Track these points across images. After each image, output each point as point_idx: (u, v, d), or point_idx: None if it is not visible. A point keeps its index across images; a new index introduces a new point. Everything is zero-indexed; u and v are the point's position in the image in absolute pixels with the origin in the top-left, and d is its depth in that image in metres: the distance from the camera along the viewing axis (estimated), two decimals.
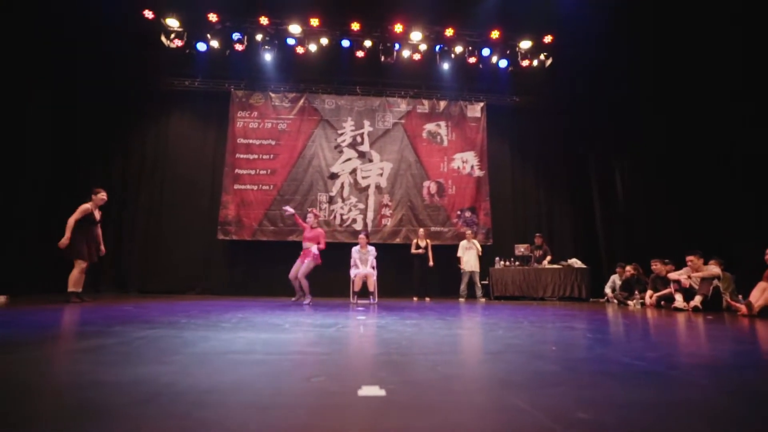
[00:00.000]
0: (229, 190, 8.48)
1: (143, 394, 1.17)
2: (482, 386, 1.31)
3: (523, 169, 9.35)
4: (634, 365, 1.70)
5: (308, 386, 1.29)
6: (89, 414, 1.00)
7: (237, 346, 2.04)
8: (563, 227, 9.15)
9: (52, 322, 3.03)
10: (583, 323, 3.55)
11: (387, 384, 1.29)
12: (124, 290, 8.06)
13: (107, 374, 1.40)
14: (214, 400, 1.13)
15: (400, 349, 2.07)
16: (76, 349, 1.90)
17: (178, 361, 1.64)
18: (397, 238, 8.67)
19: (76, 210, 5.14)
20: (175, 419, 0.97)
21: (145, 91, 8.55)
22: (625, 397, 1.21)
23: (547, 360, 1.79)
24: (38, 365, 1.55)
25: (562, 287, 7.81)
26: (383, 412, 1.05)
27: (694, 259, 5.55)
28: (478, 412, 1.06)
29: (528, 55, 8.25)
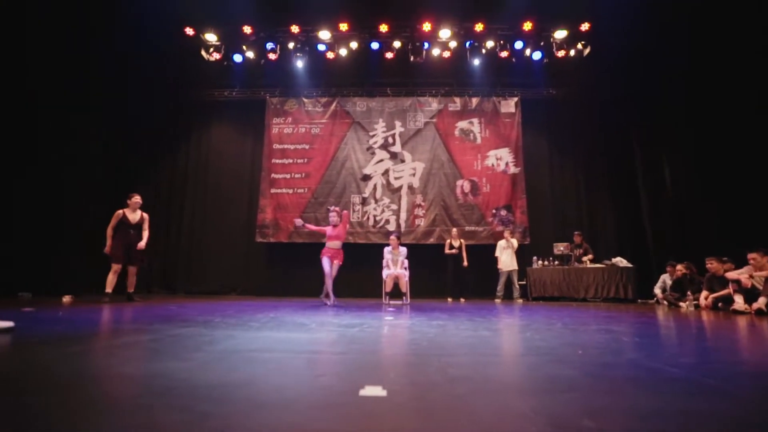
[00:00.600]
0: (266, 194, 8.79)
1: (158, 387, 1.24)
2: (489, 390, 1.27)
3: (561, 165, 8.96)
4: (665, 371, 1.59)
5: (313, 384, 1.31)
6: (104, 404, 1.08)
7: (258, 344, 2.11)
8: (606, 224, 8.67)
9: (102, 320, 3.28)
10: (623, 326, 3.35)
11: (391, 384, 1.29)
12: (173, 291, 8.57)
13: (131, 368, 1.50)
14: (220, 394, 1.17)
15: (418, 349, 2.05)
16: (112, 344, 2.04)
17: (199, 357, 1.73)
18: (430, 239, 8.60)
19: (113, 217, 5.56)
20: (179, 412, 1.02)
21: (188, 103, 9.08)
22: (642, 406, 1.13)
23: (567, 364, 1.70)
24: (76, 358, 1.69)
25: (606, 287, 7.40)
26: (379, 413, 1.05)
27: (758, 257, 5.08)
28: (475, 417, 1.03)
29: (564, 45, 7.91)
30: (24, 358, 1.75)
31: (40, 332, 2.47)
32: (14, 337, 2.20)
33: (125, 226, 5.58)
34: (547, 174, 8.89)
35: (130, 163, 8.45)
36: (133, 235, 5.64)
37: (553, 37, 7.88)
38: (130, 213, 5.66)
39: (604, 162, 8.73)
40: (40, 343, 2.10)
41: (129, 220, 5.63)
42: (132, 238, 5.62)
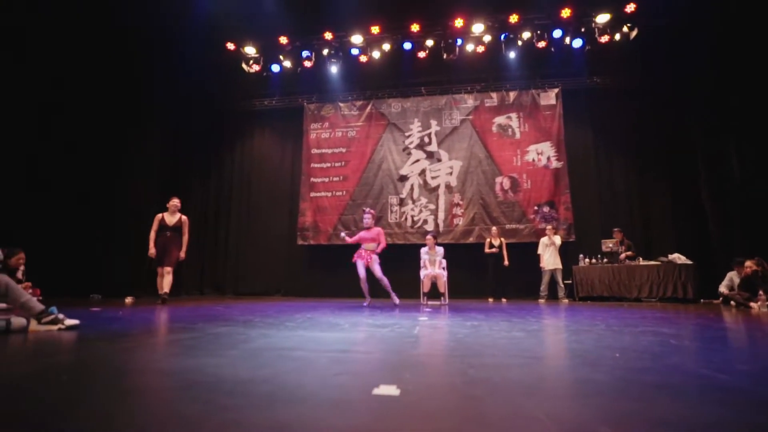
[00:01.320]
0: (306, 198, 9.05)
1: (187, 381, 1.32)
2: (505, 393, 1.24)
3: (608, 156, 8.46)
4: (711, 378, 1.46)
5: (329, 382, 1.35)
6: (137, 394, 1.17)
7: (288, 343, 2.18)
8: (662, 218, 8.05)
9: (154, 319, 3.53)
10: (675, 328, 3.11)
11: (407, 384, 1.29)
12: (222, 293, 9.05)
13: (168, 363, 1.61)
14: (242, 389, 1.24)
15: (443, 350, 2.03)
16: (157, 341, 2.20)
17: (232, 354, 1.82)
18: (470, 238, 8.45)
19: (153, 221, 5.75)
20: (199, 403, 1.09)
21: (231, 114, 9.57)
22: (674, 415, 1.05)
23: (599, 368, 1.61)
24: (124, 353, 1.84)
25: (662, 286, 6.90)
26: (387, 412, 1.06)
27: None
28: (483, 419, 1.01)
29: (607, 29, 7.46)
30: (82, 352, 1.93)
31: (101, 330, 2.71)
32: (79, 334, 2.44)
33: (163, 229, 5.74)
34: (593, 167, 8.43)
35: (182, 173, 9.02)
36: (169, 237, 5.74)
37: (594, 22, 7.46)
38: (168, 216, 5.81)
39: (658, 152, 8.11)
40: (98, 339, 2.31)
41: (167, 222, 5.77)
42: (168, 240, 5.73)
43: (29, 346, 2.10)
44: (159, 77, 7.79)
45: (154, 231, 5.71)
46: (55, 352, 1.94)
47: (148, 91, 7.75)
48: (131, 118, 7.58)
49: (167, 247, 5.71)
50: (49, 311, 2.61)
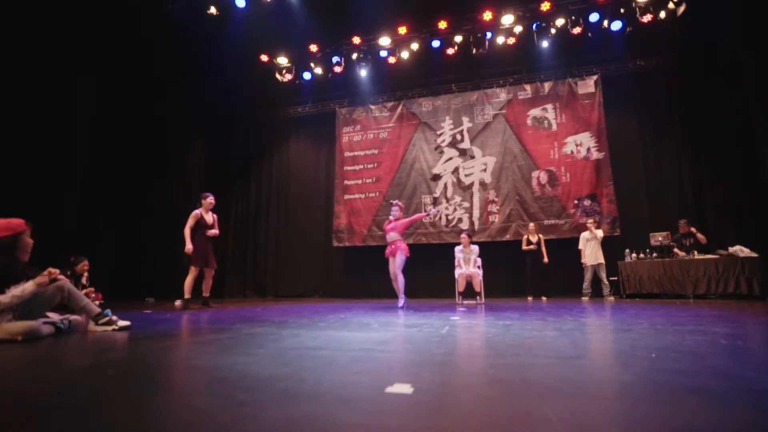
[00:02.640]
0: (340, 201, 9.21)
1: (213, 378, 1.40)
2: (522, 393, 1.21)
3: (656, 144, 7.94)
4: (757, 381, 1.35)
5: (345, 380, 1.37)
6: (166, 388, 1.26)
7: (315, 342, 2.24)
8: (720, 209, 7.42)
9: (197, 320, 3.74)
10: (730, 327, 2.87)
11: (422, 383, 1.29)
12: (263, 295, 9.40)
13: (200, 360, 1.71)
14: (263, 386, 1.29)
15: (468, 350, 2.01)
16: (195, 341, 2.34)
17: (259, 353, 1.90)
18: (506, 235, 8.24)
19: (189, 217, 5.38)
20: (220, 398, 1.16)
21: (267, 123, 9.94)
22: (701, 420, 0.98)
23: (630, 368, 1.53)
24: (163, 351, 1.97)
25: (722, 282, 6.37)
26: (397, 409, 1.07)
27: None
28: (492, 419, 1.00)
29: (650, 8, 7.01)
30: (129, 350, 2.09)
31: (149, 330, 2.92)
32: (130, 334, 2.64)
33: (203, 228, 5.44)
34: (638, 156, 7.94)
35: (224, 180, 9.47)
36: (210, 237, 5.56)
37: (635, 2, 7.03)
38: (205, 214, 5.51)
39: (710, 134, 7.49)
40: (145, 338, 2.49)
41: (206, 221, 5.48)
42: (210, 240, 5.53)
43: (87, 345, 2.30)
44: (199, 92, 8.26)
45: (189, 228, 5.34)
46: (107, 350, 2.11)
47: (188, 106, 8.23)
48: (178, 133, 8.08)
49: (210, 249, 5.55)
50: (104, 313, 2.87)
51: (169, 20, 6.75)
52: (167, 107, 8.04)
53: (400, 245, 5.59)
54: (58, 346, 2.26)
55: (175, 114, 8.06)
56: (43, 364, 1.79)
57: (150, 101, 7.95)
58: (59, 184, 6.80)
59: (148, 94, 7.91)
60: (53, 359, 1.92)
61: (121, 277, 7.70)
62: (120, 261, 7.89)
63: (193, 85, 8.17)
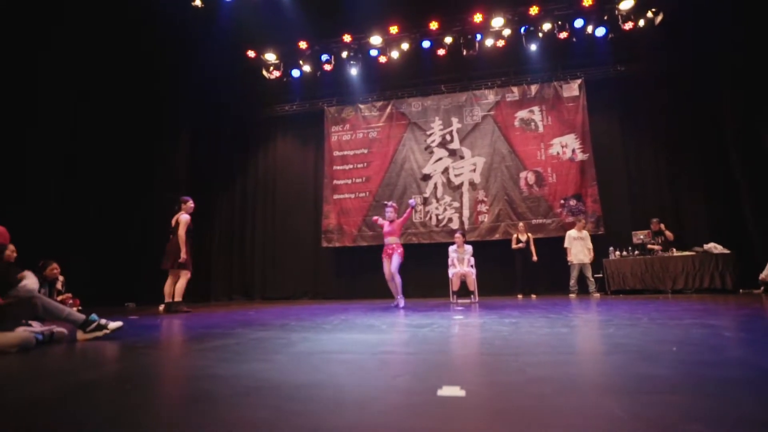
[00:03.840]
0: (329, 201, 9.12)
1: (243, 387, 1.34)
2: (573, 390, 1.21)
3: (637, 146, 8.21)
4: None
5: (391, 384, 1.34)
6: (202, 401, 1.20)
7: (332, 346, 2.20)
8: (695, 208, 7.75)
9: (193, 326, 3.62)
10: (723, 320, 2.99)
11: (469, 385, 1.28)
12: (251, 297, 9.20)
13: (220, 369, 1.64)
14: (305, 394, 1.25)
15: (492, 349, 2.01)
16: (203, 347, 2.25)
17: (278, 359, 1.85)
18: (495, 234, 8.35)
19: (181, 223, 5.30)
20: (267, 409, 1.11)
21: (254, 121, 9.73)
22: (759, 414, 1.00)
23: (660, 363, 1.56)
24: (175, 360, 1.89)
25: (698, 277, 6.65)
26: (460, 414, 1.05)
27: None
28: (563, 419, 0.99)
29: (631, 16, 7.25)
30: (136, 360, 1.99)
31: (145, 337, 2.79)
32: (126, 342, 2.52)
33: (191, 232, 5.48)
34: (620, 157, 8.20)
35: (208, 180, 9.21)
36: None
37: (617, 9, 7.25)
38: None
39: (688, 140, 7.82)
40: (146, 347, 2.38)
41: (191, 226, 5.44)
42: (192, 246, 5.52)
43: (87, 355, 2.18)
44: (183, 87, 8.00)
45: (186, 233, 5.34)
46: (110, 361, 2.01)
47: (173, 101, 7.98)
48: (158, 129, 7.80)
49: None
50: (90, 319, 2.70)
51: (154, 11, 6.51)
52: (150, 102, 7.72)
53: (397, 248, 5.57)
54: (62, 358, 2.13)
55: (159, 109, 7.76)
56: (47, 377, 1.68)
57: (133, 96, 7.62)
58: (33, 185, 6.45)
59: (130, 89, 7.58)
60: (58, 373, 1.81)
61: (98, 282, 7.36)
62: (98, 264, 7.54)
63: (177, 80, 7.89)
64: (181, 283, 5.35)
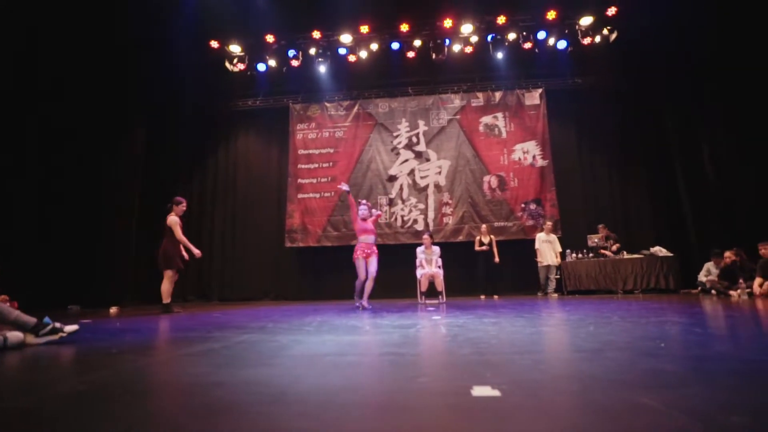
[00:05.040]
0: (294, 200, 8.88)
1: (264, 394, 1.24)
2: (599, 386, 1.23)
3: (591, 154, 8.77)
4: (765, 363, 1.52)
5: (417, 386, 1.30)
6: (226, 411, 1.08)
7: (329, 348, 2.11)
8: (642, 213, 8.43)
9: (161, 329, 3.35)
10: (685, 317, 3.23)
11: (496, 384, 1.26)
12: (207, 299, 8.73)
13: (224, 375, 1.51)
14: (335, 400, 1.17)
15: (491, 348, 2.01)
16: (190, 352, 2.07)
17: (281, 363, 1.73)
18: (459, 236, 8.54)
19: (172, 224, 5.36)
20: (311, 420, 1.02)
21: (215, 115, 9.25)
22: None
23: (658, 358, 1.64)
24: (166, 366, 1.72)
25: (646, 278, 7.20)
26: (506, 414, 1.02)
27: None
28: (607, 414, 1.00)
29: (589, 32, 7.74)
30: (119, 367, 1.79)
31: (113, 343, 2.54)
32: (93, 347, 2.27)
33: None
34: (576, 165, 8.72)
35: (163, 176, 8.63)
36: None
37: (578, 25, 7.72)
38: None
39: (637, 149, 8.49)
40: (121, 353, 2.15)
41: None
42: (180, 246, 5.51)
43: (60, 363, 1.93)
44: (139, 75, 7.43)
45: (181, 233, 5.41)
46: (91, 368, 1.79)
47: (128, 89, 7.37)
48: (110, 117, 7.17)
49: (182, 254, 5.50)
50: (44, 322, 2.44)
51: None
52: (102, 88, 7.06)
53: (375, 249, 5.45)
54: (31, 367, 1.87)
55: (112, 96, 7.11)
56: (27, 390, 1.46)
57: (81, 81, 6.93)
58: None
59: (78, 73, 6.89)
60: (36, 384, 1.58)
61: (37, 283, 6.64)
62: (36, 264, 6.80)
63: (133, 64, 7.29)
64: (164, 283, 5.28)
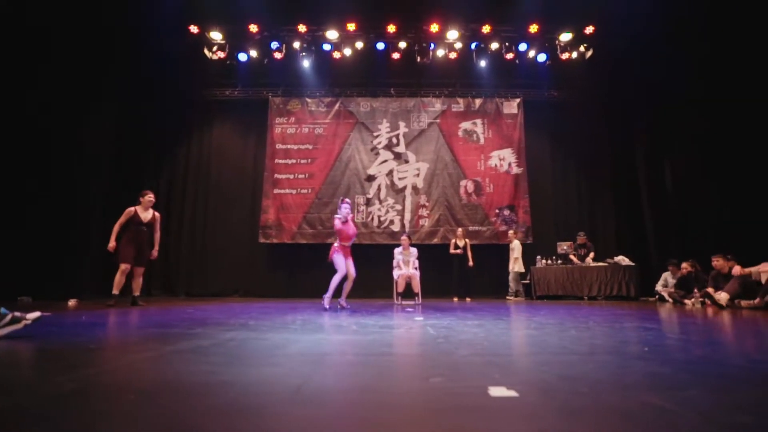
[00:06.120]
0: (269, 195, 8.68)
1: (282, 395, 1.20)
2: (608, 388, 1.28)
3: (563, 165, 9.13)
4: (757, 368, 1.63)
5: (433, 387, 1.30)
6: (247, 411, 1.04)
7: (325, 348, 2.08)
8: (607, 224, 8.87)
9: (135, 324, 3.17)
10: (654, 323, 3.42)
11: (510, 385, 1.28)
12: (173, 293, 8.37)
13: (228, 374, 1.45)
14: (359, 400, 1.15)
15: (487, 350, 2.05)
16: (177, 349, 1.98)
17: (282, 363, 1.69)
18: (434, 239, 8.65)
19: (122, 214, 5.28)
20: (339, 419, 1.00)
21: (189, 102, 8.88)
22: None
23: (649, 361, 1.73)
24: (157, 364, 1.63)
25: (609, 286, 7.57)
26: (529, 414, 1.04)
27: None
28: (627, 415, 1.04)
29: (567, 47, 8.06)
30: (107, 365, 1.68)
31: (86, 338, 2.39)
32: (67, 344, 2.13)
33: (137, 225, 5.31)
34: (549, 174, 9.04)
35: (131, 163, 8.20)
36: (145, 234, 5.39)
37: (558, 40, 8.02)
38: (142, 211, 5.37)
39: (605, 163, 8.93)
40: (99, 348, 2.03)
41: (141, 218, 5.34)
42: (143, 237, 5.36)
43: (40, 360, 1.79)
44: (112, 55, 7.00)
45: (119, 224, 5.21)
46: (76, 365, 1.67)
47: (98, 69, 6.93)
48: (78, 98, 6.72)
49: (142, 246, 5.33)
50: (2, 312, 2.27)
51: None
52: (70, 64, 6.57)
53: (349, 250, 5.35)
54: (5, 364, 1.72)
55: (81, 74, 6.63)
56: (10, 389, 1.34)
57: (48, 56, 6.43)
58: None
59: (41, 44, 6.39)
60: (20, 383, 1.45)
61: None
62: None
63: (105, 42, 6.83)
64: (116, 275, 5.18)
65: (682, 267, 6.53)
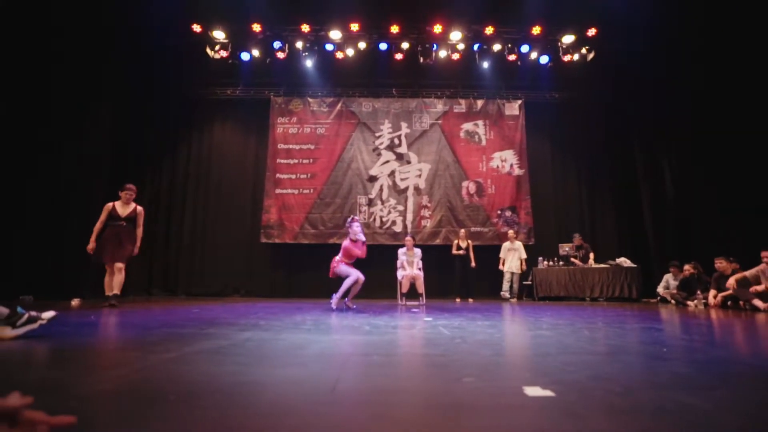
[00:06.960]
0: (271, 195, 8.66)
1: (317, 396, 1.19)
2: (641, 387, 1.29)
3: (564, 167, 9.17)
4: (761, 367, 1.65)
5: (468, 387, 1.30)
6: (291, 414, 1.04)
7: (346, 348, 2.08)
8: (608, 225, 8.92)
9: (148, 324, 3.15)
10: (661, 324, 3.45)
11: (543, 384, 1.29)
12: (173, 293, 8.32)
13: (257, 375, 1.45)
14: (396, 401, 1.15)
15: (508, 350, 2.06)
16: (198, 350, 1.96)
17: (308, 363, 1.69)
18: (436, 240, 8.65)
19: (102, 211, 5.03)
20: (381, 420, 1.00)
21: (190, 102, 8.84)
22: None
23: (672, 362, 1.74)
24: (183, 365, 1.62)
25: (611, 287, 7.60)
26: (571, 412, 1.05)
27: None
28: (667, 414, 1.04)
29: (570, 49, 8.10)
30: (130, 366, 1.67)
31: (101, 338, 2.37)
32: (85, 344, 2.11)
33: (114, 219, 5.00)
34: (550, 176, 9.08)
35: (133, 162, 8.14)
36: (122, 229, 5.02)
37: (560, 42, 8.06)
38: (120, 206, 5.08)
39: (606, 165, 8.98)
40: (121, 349, 2.01)
41: (118, 213, 5.03)
42: (120, 232, 5.00)
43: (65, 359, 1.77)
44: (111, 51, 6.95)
45: (101, 222, 4.97)
46: (102, 367, 1.66)
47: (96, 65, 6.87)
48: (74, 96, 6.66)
49: (120, 241, 4.97)
50: (18, 312, 2.26)
51: None
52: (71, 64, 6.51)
53: None
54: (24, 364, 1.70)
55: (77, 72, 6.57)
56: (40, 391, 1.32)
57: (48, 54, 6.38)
58: None
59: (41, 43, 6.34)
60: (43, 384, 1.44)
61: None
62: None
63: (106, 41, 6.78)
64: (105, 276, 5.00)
65: (684, 269, 6.58)
